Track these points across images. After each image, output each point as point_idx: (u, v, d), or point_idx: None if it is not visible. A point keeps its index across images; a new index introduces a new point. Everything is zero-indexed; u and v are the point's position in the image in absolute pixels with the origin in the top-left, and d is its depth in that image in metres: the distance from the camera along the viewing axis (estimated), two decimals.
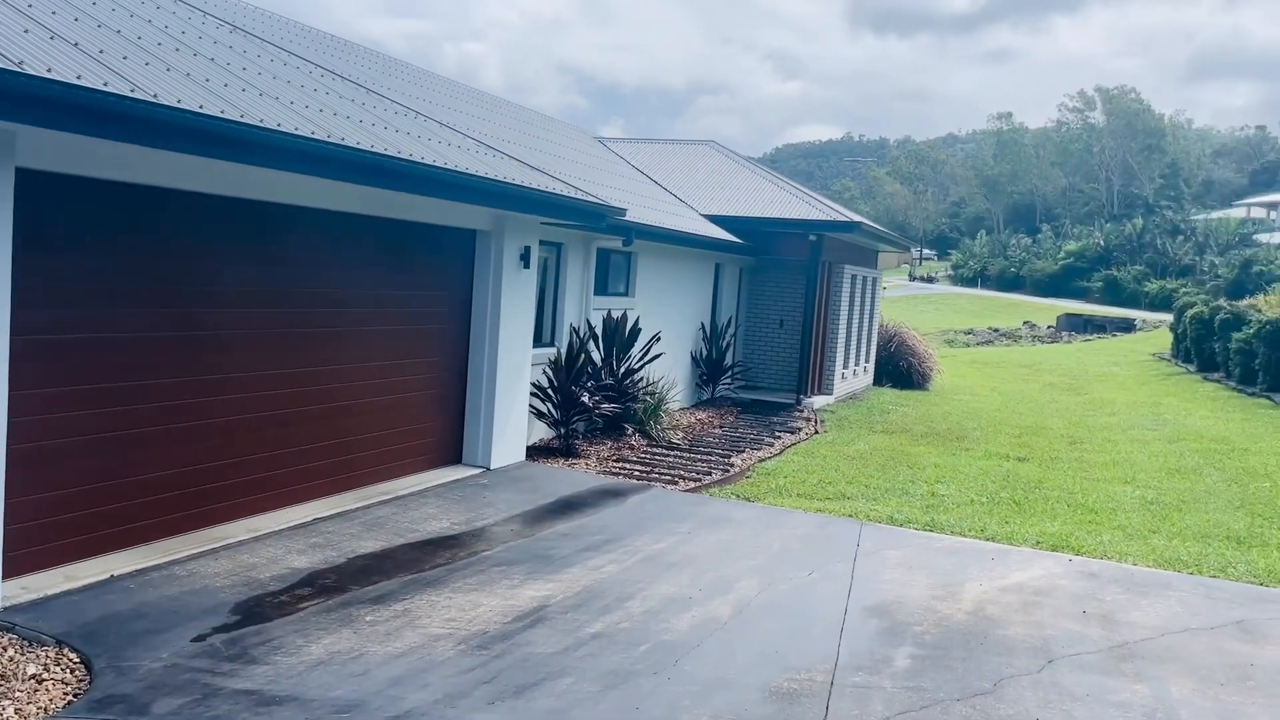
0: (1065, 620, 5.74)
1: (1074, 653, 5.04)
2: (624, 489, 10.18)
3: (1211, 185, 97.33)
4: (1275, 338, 22.71)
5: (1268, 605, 6.22)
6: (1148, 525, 8.82)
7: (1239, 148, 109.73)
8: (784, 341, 19.44)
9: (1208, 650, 5.14)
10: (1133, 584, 6.59)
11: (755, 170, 21.30)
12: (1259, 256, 59.83)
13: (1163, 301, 60.74)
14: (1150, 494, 11.09)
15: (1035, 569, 6.89)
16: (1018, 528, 8.43)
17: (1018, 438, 16.58)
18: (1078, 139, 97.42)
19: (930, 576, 6.72)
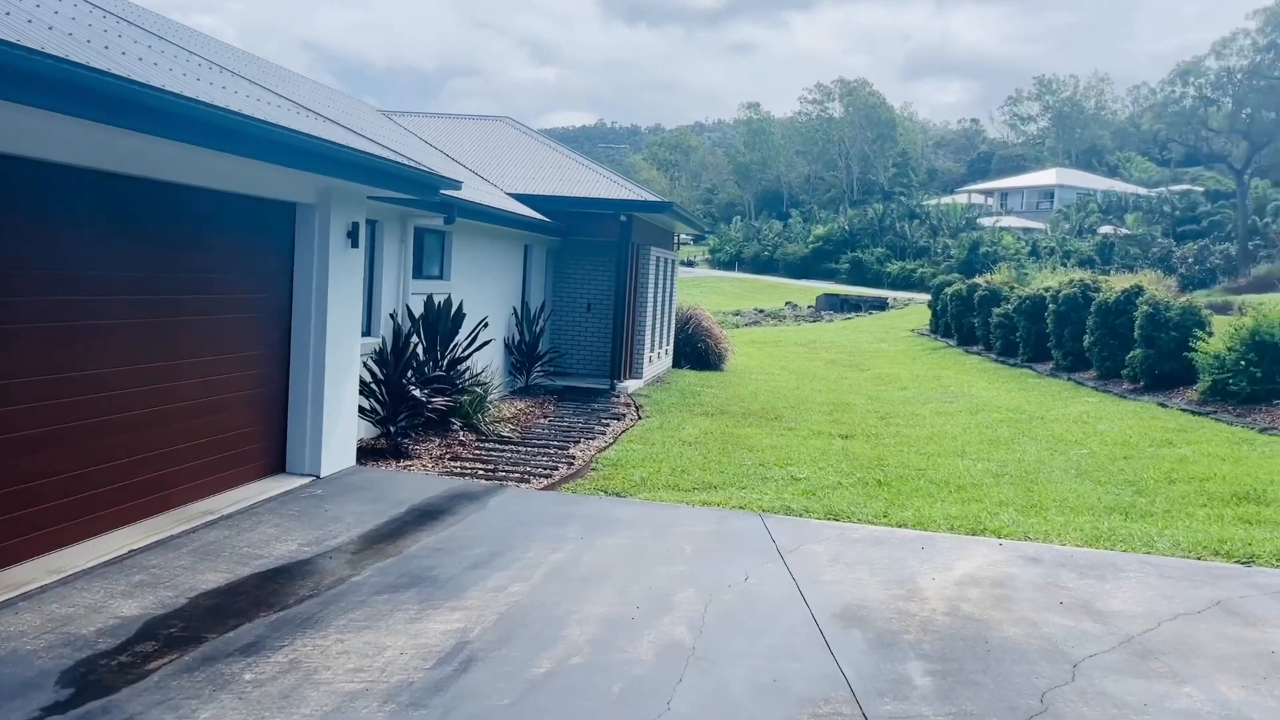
0: (1050, 614, 5.39)
1: (1090, 653, 4.65)
2: (476, 491, 9.19)
3: (935, 174, 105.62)
4: (1035, 311, 24.42)
5: (1227, 581, 6.06)
6: (1023, 500, 8.86)
7: (956, 140, 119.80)
8: (593, 326, 18.82)
9: (1218, 638, 4.88)
10: (1081, 567, 6.40)
11: (556, 148, 20.50)
12: (984, 239, 65.31)
13: (903, 281, 65.24)
14: (991, 466, 11.29)
15: (975, 557, 6.60)
16: (912, 511, 8.20)
17: (829, 415, 16.77)
18: (820, 129, 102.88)
19: (874, 572, 6.27)
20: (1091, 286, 22.68)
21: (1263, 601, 5.39)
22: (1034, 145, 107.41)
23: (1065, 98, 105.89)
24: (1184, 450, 11.98)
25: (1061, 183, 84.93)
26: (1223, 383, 16.10)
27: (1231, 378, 15.89)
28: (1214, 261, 60.53)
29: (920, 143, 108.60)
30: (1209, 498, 8.63)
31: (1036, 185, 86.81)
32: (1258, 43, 62.85)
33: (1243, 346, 15.86)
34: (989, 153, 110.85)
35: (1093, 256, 62.55)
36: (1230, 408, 15.69)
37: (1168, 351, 18.33)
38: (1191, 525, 7.38)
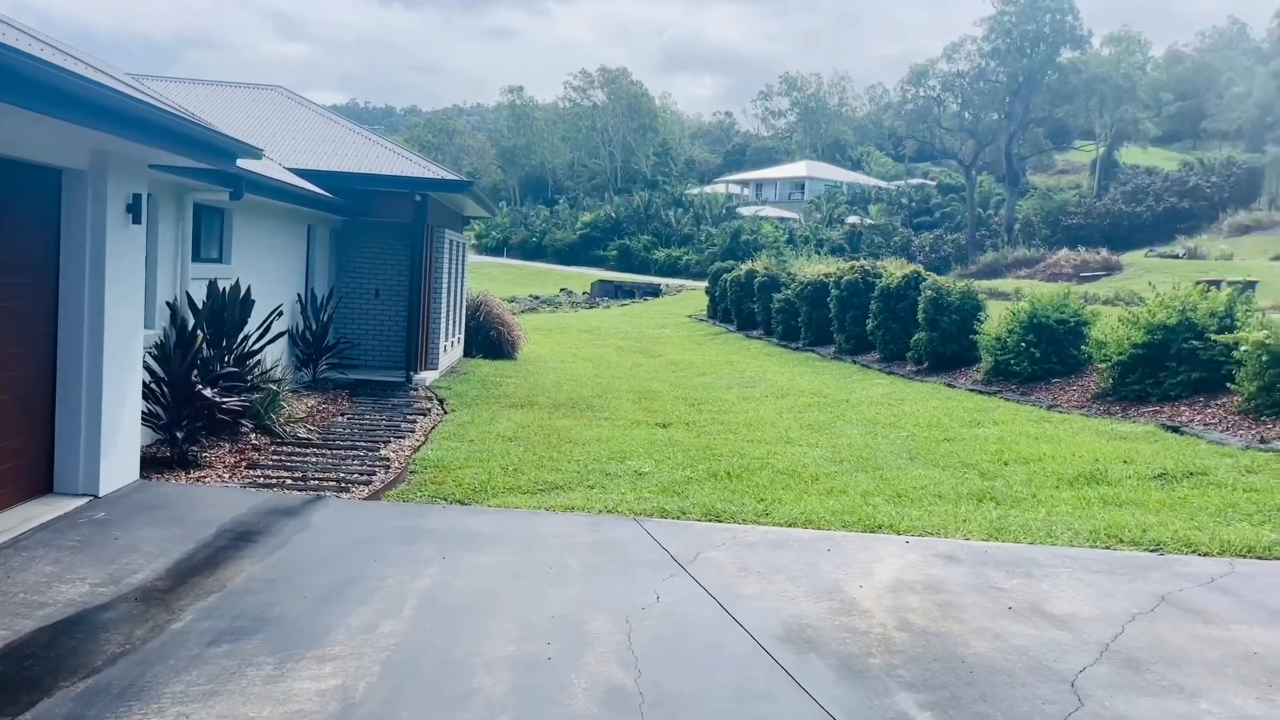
0: (1006, 622, 4.99)
1: (1077, 668, 4.22)
2: (293, 505, 8.01)
3: (694, 164, 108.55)
4: (817, 297, 25.12)
5: (1153, 573, 5.75)
6: (886, 489, 8.67)
7: (712, 131, 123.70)
8: (383, 314, 17.47)
9: (1191, 641, 4.58)
10: (1002, 564, 6.09)
11: (341, 122, 18.88)
12: (745, 227, 67.57)
13: (670, 267, 66.48)
14: (825, 453, 11.18)
15: (889, 559, 6.21)
16: (790, 507, 7.78)
17: (639, 403, 16.37)
18: (584, 116, 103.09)
19: (795, 583, 5.74)
20: (871, 272, 23.53)
21: (1203, 594, 5.29)
22: (784, 139, 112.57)
23: (810, 94, 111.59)
24: (994, 430, 12.35)
25: (811, 175, 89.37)
26: (1005, 363, 16.96)
27: (1013, 359, 16.76)
28: (947, 249, 65.61)
29: (679, 133, 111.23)
30: (1056, 480, 8.77)
31: (789, 177, 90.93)
32: (982, 49, 68.44)
33: (1022, 329, 16.76)
34: (743, 145, 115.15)
35: (843, 245, 66.19)
36: (1013, 387, 16.56)
37: (950, 334, 19.19)
38: (1069, 512, 7.39)
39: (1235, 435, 11.19)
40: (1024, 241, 61.21)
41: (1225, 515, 6.88)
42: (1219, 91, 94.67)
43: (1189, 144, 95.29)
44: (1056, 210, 68.51)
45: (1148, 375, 14.19)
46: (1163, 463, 9.18)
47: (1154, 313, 14.38)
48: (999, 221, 68.19)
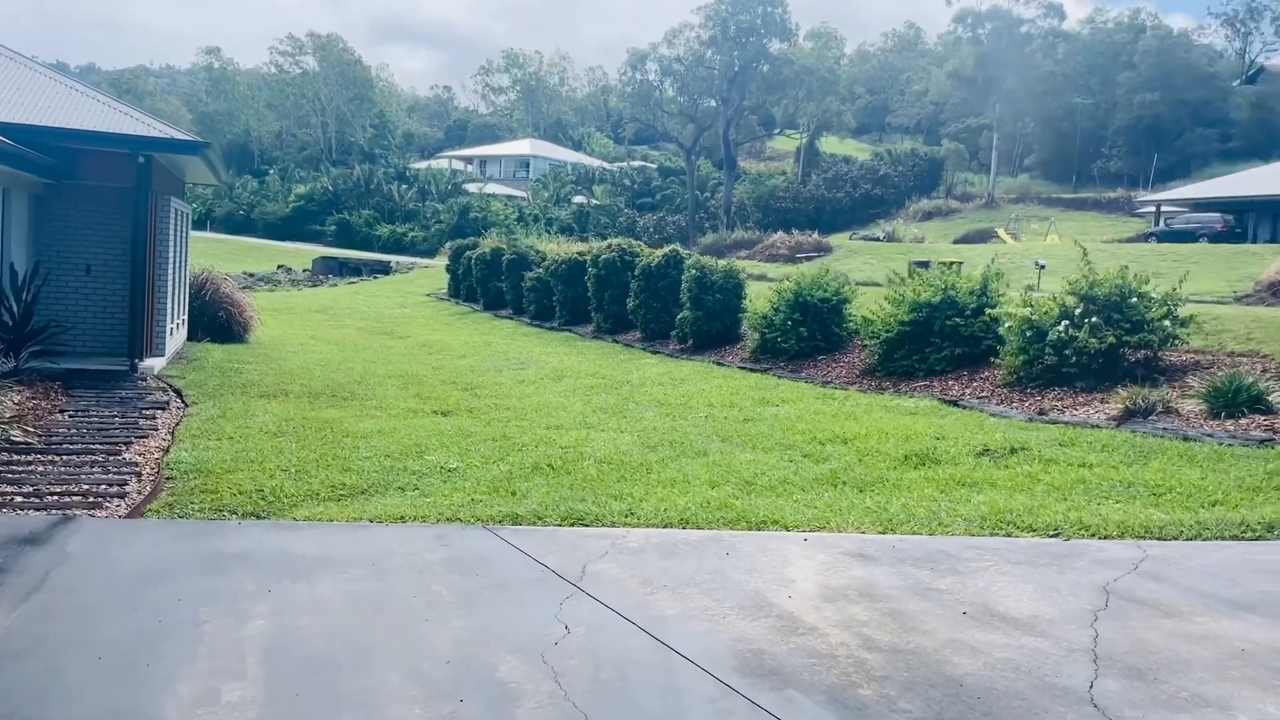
0: (972, 630, 4.43)
1: (1085, 683, 3.64)
2: (35, 530, 6.40)
3: (413, 138, 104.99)
4: (572, 275, 24.58)
5: (1073, 561, 5.30)
6: (733, 479, 8.16)
7: (431, 106, 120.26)
8: (98, 293, 15.02)
9: (1173, 641, 4.14)
10: (921, 560, 5.58)
11: (41, 69, 16.00)
12: (473, 204, 66.06)
13: (395, 244, 63.77)
14: (635, 438, 10.60)
15: (800, 561, 5.62)
16: (651, 504, 7.06)
17: (406, 389, 15.13)
18: (293, 84, 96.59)
19: (712, 597, 5.01)
20: (629, 251, 23.29)
21: (1140, 583, 5.09)
22: (505, 116, 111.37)
23: (532, 72, 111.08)
24: (789, 409, 12.30)
25: (536, 153, 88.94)
26: (772, 341, 17.16)
27: (780, 336, 16.98)
28: (670, 231, 67.39)
29: (396, 106, 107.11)
30: (889, 460, 8.67)
31: (513, 155, 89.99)
32: (701, 36, 70.65)
33: (788, 308, 17.01)
34: (464, 120, 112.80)
35: (572, 224, 66.34)
36: (782, 364, 16.78)
37: (714, 313, 19.24)
38: (936, 495, 7.21)
39: (1013, 408, 11.73)
40: (741, 224, 63.92)
41: (1086, 493, 6.96)
42: (901, 89, 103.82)
43: (877, 136, 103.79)
44: (768, 195, 72.20)
45: (914, 351, 14.74)
46: (976, 439, 9.35)
47: (919, 291, 14.95)
48: (717, 204, 70.93)
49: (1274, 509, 6.05)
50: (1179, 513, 6.12)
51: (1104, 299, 12.42)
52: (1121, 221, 62.14)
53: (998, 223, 63.23)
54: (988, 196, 75.72)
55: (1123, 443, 8.59)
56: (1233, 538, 5.61)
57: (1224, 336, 13.38)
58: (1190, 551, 5.46)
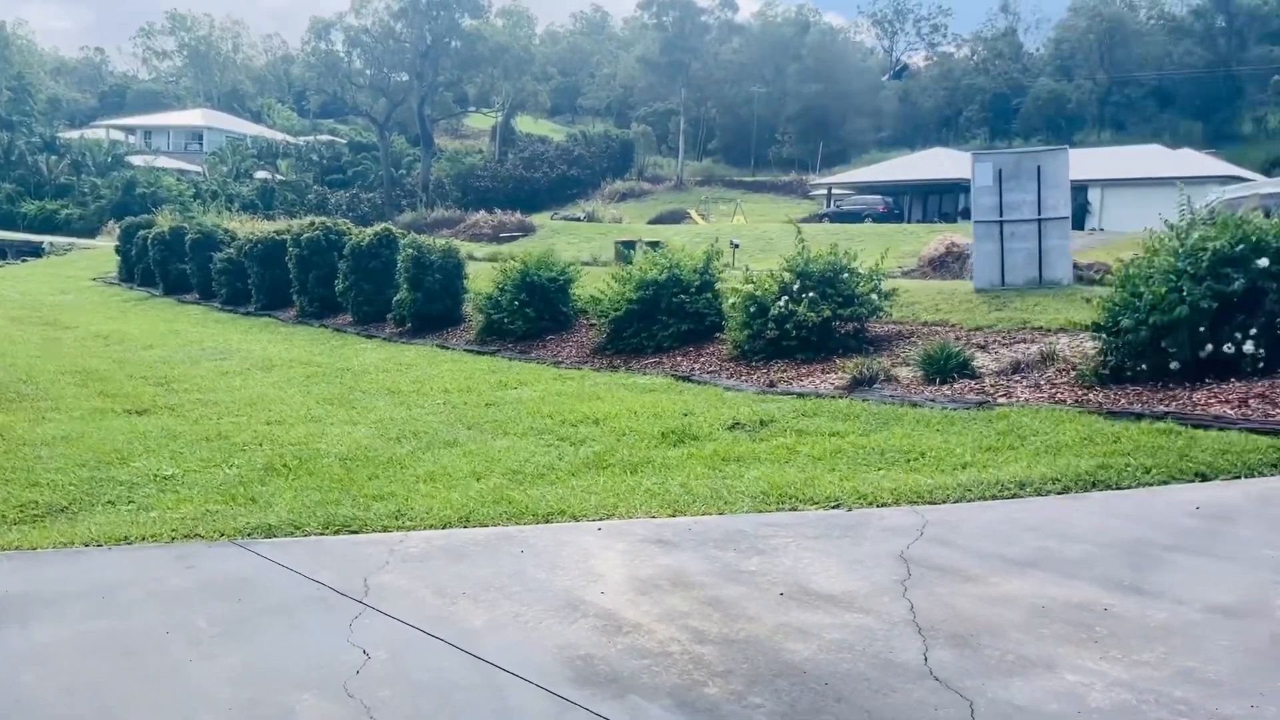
0: (798, 613, 4.15)
1: (918, 656, 3.64)
2: None
3: (60, 103, 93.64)
4: (269, 256, 22.84)
5: (870, 530, 5.16)
6: (497, 468, 7.70)
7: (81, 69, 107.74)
8: None
9: (981, 605, 4.00)
10: (722, 542, 5.27)
11: None
12: (140, 179, 59.96)
13: (46, 223, 56.67)
14: (373, 430, 9.87)
15: (602, 553, 5.22)
16: (420, 502, 6.45)
17: (87, 386, 13.40)
18: None
19: (519, 602, 4.51)
20: (334, 229, 21.99)
21: (932, 549, 5.09)
22: (172, 83, 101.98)
23: (201, 36, 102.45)
24: (531, 391, 12.02)
25: (210, 124, 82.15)
26: (499, 322, 16.77)
27: (508, 317, 16.62)
28: (364, 209, 64.70)
29: (39, 68, 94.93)
30: (648, 439, 8.57)
31: (184, 125, 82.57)
32: (390, 7, 68.16)
33: (514, 288, 16.68)
34: (122, 86, 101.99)
35: (255, 201, 62.04)
36: (510, 345, 16.44)
37: (434, 294, 18.54)
38: (707, 473, 7.13)
39: (745, 381, 12.11)
40: (440, 202, 62.54)
41: (848, 462, 7.19)
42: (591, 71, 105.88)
43: (570, 117, 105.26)
44: (467, 173, 71.21)
45: (643, 329, 14.90)
46: (724, 413, 9.50)
47: (645, 270, 15.12)
48: (414, 182, 69.00)
49: (1017, 467, 6.54)
50: (939, 476, 6.47)
51: (819, 275, 13.10)
52: (796, 203, 66.98)
53: (688, 204, 66.08)
54: (677, 179, 79.00)
55: (861, 411, 9.04)
56: (993, 497, 5.98)
57: (916, 308, 14.56)
58: (962, 514, 5.75)
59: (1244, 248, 8.73)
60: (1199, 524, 5.30)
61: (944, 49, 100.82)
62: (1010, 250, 15.14)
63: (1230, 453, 6.38)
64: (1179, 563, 4.79)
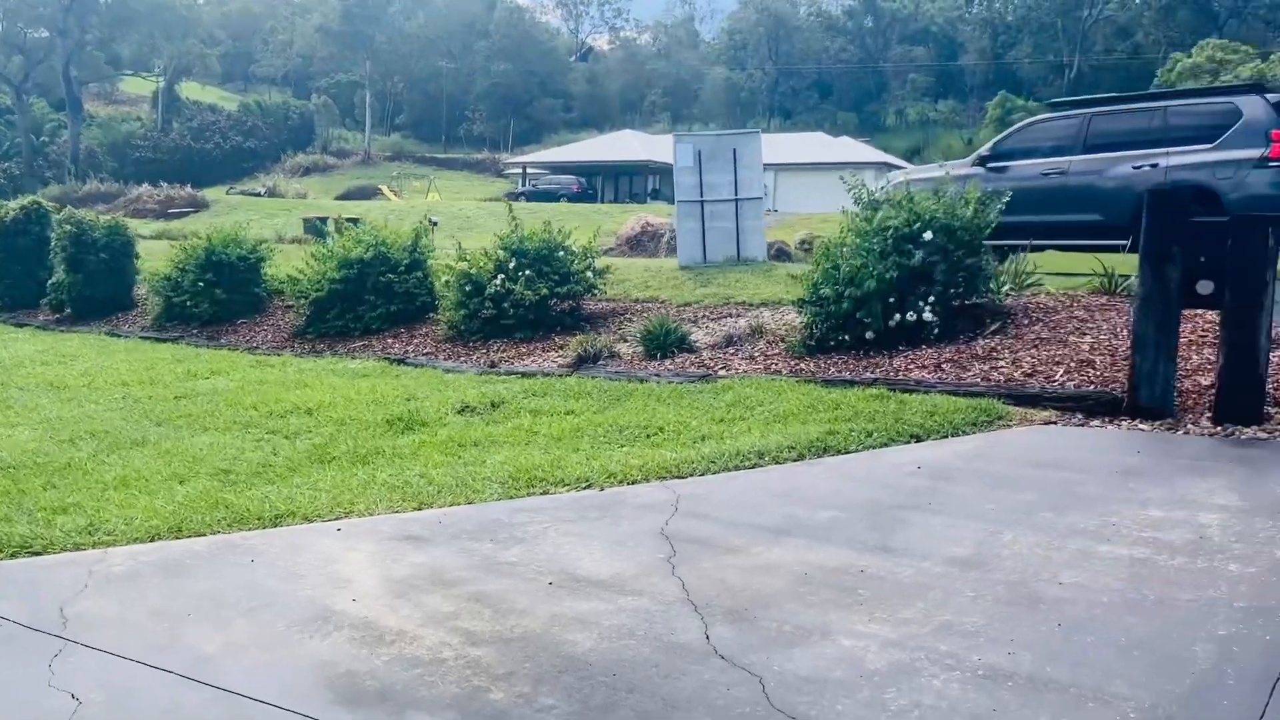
0: (571, 602, 3.88)
1: (699, 635, 3.41)
2: None
3: None
4: None
5: (626, 509, 5.15)
6: (203, 468, 6.85)
7: None
8: None
9: (749, 576, 4.07)
10: (477, 533, 4.82)
11: None
12: None
13: None
14: (41, 432, 8.52)
15: (346, 556, 4.60)
16: (116, 513, 5.55)
17: None
18: None
19: (258, 618, 3.84)
20: None
21: (692, 524, 4.91)
22: None
23: None
24: (226, 380, 10.97)
25: None
26: (181, 305, 15.27)
27: (191, 299, 15.17)
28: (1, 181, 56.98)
29: None
30: (372, 428, 8.01)
31: None
32: None
33: (199, 268, 15.24)
34: None
35: None
36: (195, 330, 15.02)
37: (99, 275, 16.59)
38: (445, 461, 6.71)
39: (464, 362, 11.75)
40: (94, 174, 56.20)
41: (590, 440, 7.06)
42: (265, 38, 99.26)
43: (242, 85, 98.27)
44: (124, 142, 64.69)
45: (348, 310, 14.10)
46: (450, 396, 9.12)
47: (349, 248, 14.29)
48: (60, 151, 61.54)
49: (752, 437, 6.73)
50: (682, 450, 6.52)
51: (534, 253, 12.95)
52: (491, 182, 66.62)
53: (378, 180, 63.86)
54: (365, 154, 76.11)
55: (591, 388, 9.00)
56: (737, 468, 6.10)
57: (627, 285, 14.81)
58: (711, 486, 5.81)
59: (918, 225, 9.54)
60: (924, 483, 5.68)
61: (626, 34, 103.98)
62: (711, 229, 15.76)
63: (937, 414, 6.93)
64: (914, 521, 5.09)
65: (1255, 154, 11.48)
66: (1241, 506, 5.09)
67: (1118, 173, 12.41)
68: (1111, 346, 8.26)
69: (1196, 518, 4.94)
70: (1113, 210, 12.31)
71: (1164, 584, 4.23)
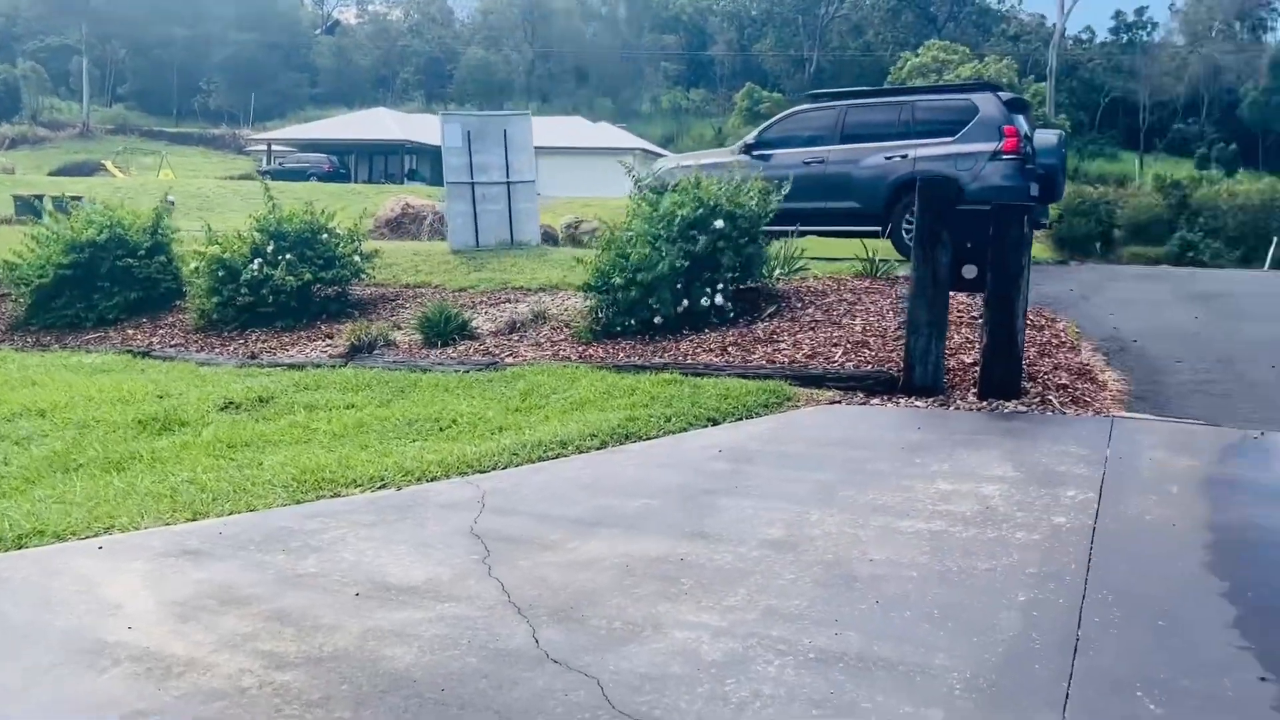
0: (386, 612, 3.48)
1: (526, 640, 3.12)
2: None
3: None
4: None
5: (427, 510, 4.83)
6: None
7: None
8: None
9: (567, 573, 3.92)
10: (264, 543, 4.44)
11: None
12: None
13: None
14: None
15: (114, 577, 3.91)
16: None
17: None
18: None
19: (13, 659, 3.32)
20: None
21: (503, 521, 4.58)
22: None
23: None
24: None
25: None
26: None
27: None
28: None
29: None
30: (119, 430, 7.15)
31: None
32: None
33: None
34: None
35: None
36: None
37: None
38: (209, 464, 6.08)
39: (220, 354, 10.87)
40: None
41: (378, 436, 6.63)
42: None
43: None
44: None
45: (80, 298, 12.75)
46: (211, 392, 8.35)
47: (79, 229, 12.88)
48: None
49: (551, 427, 6.56)
50: (480, 443, 6.25)
51: (295, 236, 12.17)
52: (231, 159, 62.47)
53: (100, 154, 58.52)
54: (83, 125, 69.58)
55: (370, 380, 8.52)
56: (539, 459, 5.91)
57: (396, 269, 14.23)
58: (515, 480, 5.59)
59: (703, 212, 9.70)
60: (728, 466, 5.72)
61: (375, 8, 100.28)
62: (483, 212, 15.41)
63: (730, 397, 7.03)
64: (725, 505, 5.11)
65: (991, 147, 12.48)
66: (1016, 477, 5.46)
67: (872, 162, 13.16)
68: (881, 328, 8.72)
69: (980, 489, 5.25)
70: (869, 198, 13.06)
71: (963, 555, 4.45)
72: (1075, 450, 5.88)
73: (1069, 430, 6.37)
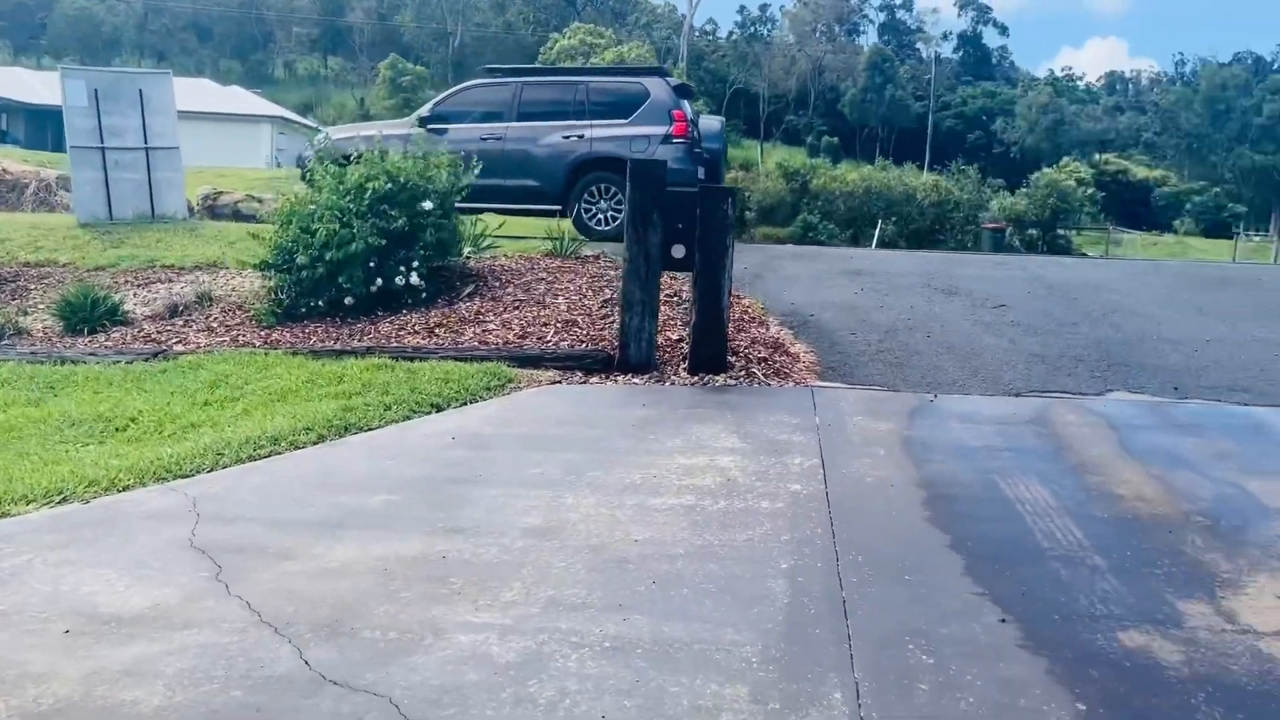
0: (111, 651, 2.88)
1: (293, 660, 2.78)
2: None
3: None
4: None
5: (131, 522, 4.12)
6: None
7: None
8: None
9: (329, 581, 3.42)
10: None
11: None
12: None
13: None
14: None
15: None
16: None
17: None
18: None
19: None
20: None
21: (219, 531, 3.96)
22: None
23: None
24: None
25: None
26: None
27: None
28: None
29: None
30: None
31: None
32: None
33: None
34: None
35: None
36: None
37: None
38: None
39: None
40: None
41: (39, 442, 5.59)
42: None
43: None
44: None
45: None
46: None
47: None
48: None
49: (254, 422, 5.91)
50: (174, 444, 5.48)
51: None
52: None
53: None
54: None
55: (10, 375, 7.23)
56: (251, 458, 5.29)
57: (10, 245, 12.31)
58: (229, 483, 4.96)
59: (393, 187, 9.21)
60: (465, 454, 5.46)
61: None
62: (116, 180, 13.71)
63: (450, 381, 6.72)
64: (473, 495, 4.86)
65: (662, 130, 12.96)
66: (745, 448, 5.69)
67: (550, 141, 13.20)
68: (585, 307, 8.76)
69: (716, 461, 5.41)
70: (548, 178, 13.09)
71: (720, 528, 4.55)
72: (789, 419, 6.24)
73: (778, 400, 6.75)
